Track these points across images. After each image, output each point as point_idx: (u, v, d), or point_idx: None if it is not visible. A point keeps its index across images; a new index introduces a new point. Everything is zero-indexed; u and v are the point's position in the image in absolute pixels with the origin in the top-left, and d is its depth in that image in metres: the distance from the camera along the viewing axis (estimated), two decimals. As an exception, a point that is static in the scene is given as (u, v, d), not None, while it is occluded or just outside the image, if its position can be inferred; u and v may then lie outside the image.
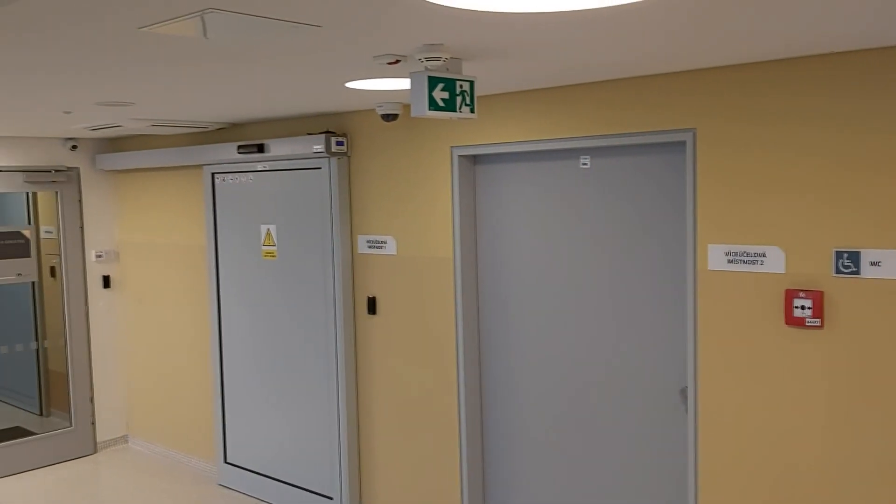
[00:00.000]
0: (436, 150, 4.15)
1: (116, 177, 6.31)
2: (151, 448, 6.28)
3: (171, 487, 5.54)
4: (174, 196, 5.84)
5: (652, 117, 3.38)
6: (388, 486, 4.59)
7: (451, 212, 4.11)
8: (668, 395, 3.59)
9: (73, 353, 6.15)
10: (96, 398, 6.30)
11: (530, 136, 3.78)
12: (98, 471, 5.97)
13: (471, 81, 2.77)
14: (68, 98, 3.64)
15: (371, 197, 4.50)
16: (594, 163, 3.72)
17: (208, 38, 2.24)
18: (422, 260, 4.28)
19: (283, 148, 4.74)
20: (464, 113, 2.76)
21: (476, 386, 4.23)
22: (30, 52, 2.47)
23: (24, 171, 5.83)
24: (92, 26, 2.11)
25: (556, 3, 1.95)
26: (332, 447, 4.76)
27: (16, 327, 6.71)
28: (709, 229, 3.26)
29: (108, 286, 6.32)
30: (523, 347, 4.06)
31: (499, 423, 4.20)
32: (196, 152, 5.30)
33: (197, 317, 5.75)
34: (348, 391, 4.67)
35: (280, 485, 5.13)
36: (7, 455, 5.85)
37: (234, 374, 5.41)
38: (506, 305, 4.11)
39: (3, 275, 5.79)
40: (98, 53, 2.51)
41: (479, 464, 4.27)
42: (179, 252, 5.84)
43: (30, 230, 5.96)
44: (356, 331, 4.66)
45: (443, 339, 4.22)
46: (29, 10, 1.91)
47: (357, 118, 4.54)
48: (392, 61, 2.67)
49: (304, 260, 4.84)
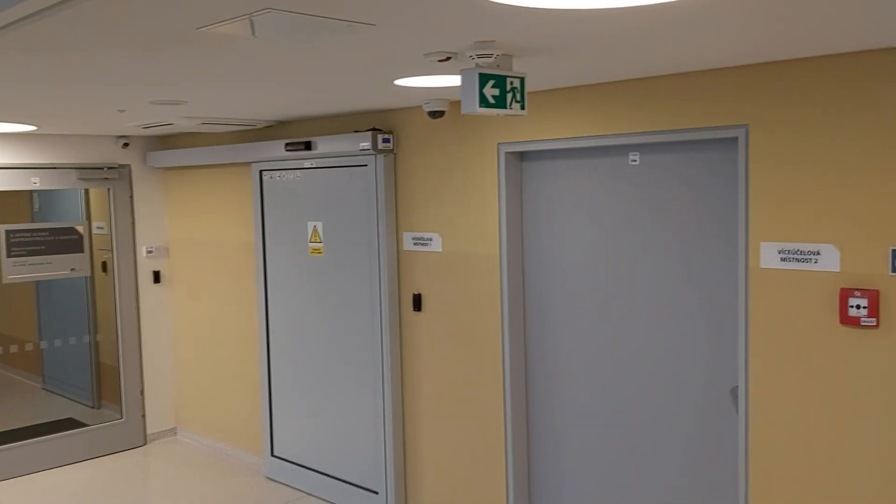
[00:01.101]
0: (482, 147, 4.16)
1: (166, 174, 6.43)
2: (200, 440, 6.39)
3: (219, 479, 5.63)
4: (222, 193, 5.93)
5: (703, 113, 3.34)
6: (433, 481, 4.61)
7: (498, 209, 4.11)
8: (718, 394, 3.55)
9: (124, 346, 6.29)
10: (146, 391, 6.43)
11: (578, 132, 3.76)
12: (148, 462, 6.09)
13: (521, 78, 2.77)
14: (123, 97, 3.72)
15: (417, 194, 4.52)
16: (643, 159, 3.69)
17: (265, 37, 2.27)
18: (468, 257, 4.29)
19: (330, 145, 4.79)
20: (514, 110, 2.76)
21: (521, 383, 4.23)
22: (91, 54, 2.53)
23: (78, 169, 5.97)
24: (152, 27, 2.16)
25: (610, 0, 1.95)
26: (378, 442, 4.80)
27: (69, 321, 6.88)
28: (761, 227, 3.21)
29: (158, 281, 6.44)
30: (570, 345, 4.05)
31: (544, 421, 4.20)
32: (244, 150, 5.38)
33: (244, 312, 5.84)
34: (394, 387, 4.70)
35: (326, 478, 5.19)
36: (61, 446, 6.01)
37: (281, 368, 5.48)
38: (552, 303, 4.10)
39: (58, 270, 5.94)
40: (156, 53, 2.56)
41: (524, 460, 4.27)
42: (227, 248, 5.94)
43: (83, 226, 6.10)
44: (402, 327, 4.69)
45: (488, 336, 4.23)
46: (93, 12, 1.96)
47: (403, 115, 4.56)
48: (443, 59, 2.68)
49: (350, 256, 4.88)
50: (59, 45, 2.40)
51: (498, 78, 2.69)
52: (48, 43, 2.35)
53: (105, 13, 1.98)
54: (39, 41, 2.32)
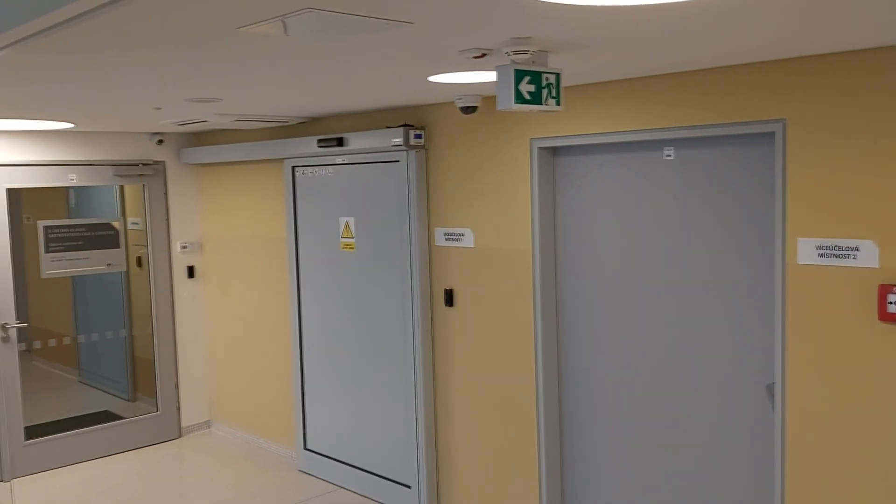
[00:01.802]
0: (515, 142, 4.15)
1: (200, 170, 6.50)
2: (233, 433, 6.47)
3: (253, 472, 5.70)
4: (255, 189, 5.99)
5: (740, 107, 3.31)
6: (466, 476, 4.63)
7: (531, 204, 4.11)
8: (755, 390, 3.52)
9: (159, 340, 6.37)
10: (181, 384, 6.52)
11: (612, 127, 3.75)
12: (183, 455, 6.18)
13: (557, 74, 2.77)
14: (160, 95, 3.77)
15: (448, 189, 4.53)
16: (678, 154, 3.67)
17: (302, 37, 2.29)
18: (500, 252, 4.29)
19: (362, 141, 4.81)
20: (549, 106, 2.76)
21: (554, 378, 4.23)
22: (133, 54, 2.57)
23: (114, 165, 6.06)
24: (193, 27, 2.19)
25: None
26: (410, 436, 4.83)
27: (105, 315, 7.00)
28: (799, 223, 3.18)
29: (192, 276, 6.52)
30: (603, 341, 4.04)
31: (578, 416, 4.19)
32: (277, 146, 5.43)
33: (277, 306, 5.90)
34: (426, 381, 4.72)
35: (358, 472, 5.23)
36: (98, 438, 6.11)
37: (313, 362, 5.53)
38: (585, 299, 4.09)
39: (95, 265, 6.03)
40: (195, 53, 2.59)
41: (556, 456, 4.27)
42: (260, 243, 5.99)
43: (119, 222, 6.19)
44: (433, 322, 4.70)
45: (521, 332, 4.23)
46: (138, 14, 1.99)
47: (435, 111, 4.57)
48: (478, 55, 2.69)
49: (382, 252, 4.91)
50: (102, 47, 2.44)
51: (533, 74, 2.69)
52: (92, 44, 2.39)
53: (149, 15, 2.01)
54: (83, 42, 2.36)
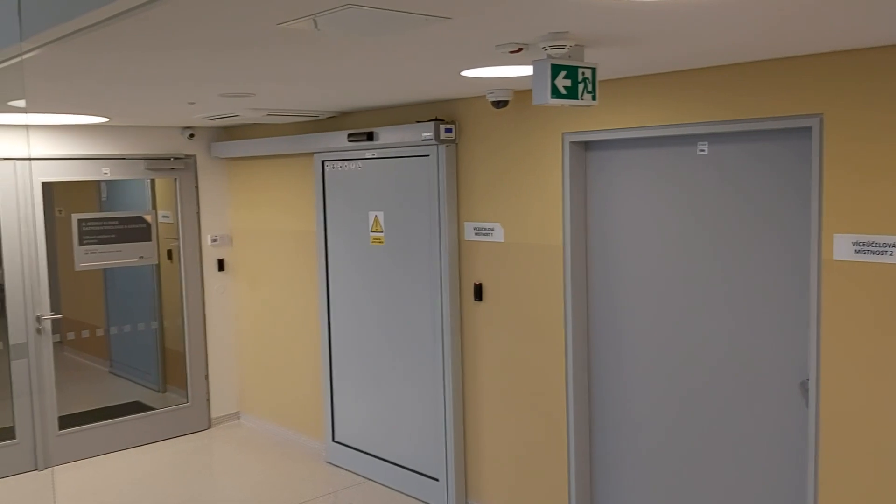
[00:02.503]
0: (547, 137, 4.15)
1: (230, 164, 6.55)
2: (262, 425, 6.52)
3: (282, 463, 5.75)
4: (285, 183, 6.03)
5: (775, 102, 3.28)
6: (494, 470, 4.64)
7: (562, 199, 4.10)
8: (788, 388, 3.50)
9: (190, 332, 6.44)
10: (210, 376, 6.59)
11: (645, 121, 3.73)
12: (212, 446, 6.25)
13: (593, 69, 2.76)
14: (195, 90, 3.80)
15: (479, 184, 4.53)
16: (712, 149, 3.64)
17: (342, 33, 2.30)
18: (530, 247, 4.29)
19: (392, 136, 4.83)
20: (585, 101, 2.75)
21: (584, 374, 4.23)
22: (172, 51, 2.60)
23: (146, 159, 6.12)
24: (233, 23, 2.21)
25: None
26: (438, 430, 4.85)
27: (135, 307, 7.08)
28: (835, 219, 3.15)
29: (222, 269, 6.58)
30: (634, 338, 4.03)
31: (608, 412, 4.19)
32: (307, 140, 5.45)
33: (306, 299, 5.94)
34: (454, 376, 4.73)
35: (386, 464, 5.26)
36: (130, 429, 6.19)
37: (342, 355, 5.56)
38: (617, 295, 4.08)
39: (128, 257, 6.11)
40: (233, 49, 2.62)
41: (586, 451, 4.27)
42: (290, 237, 6.03)
43: (151, 215, 6.26)
44: (462, 317, 4.71)
45: (551, 327, 4.23)
46: (179, 10, 2.01)
47: (466, 105, 4.57)
48: (514, 50, 2.69)
49: (411, 246, 4.92)
50: (143, 44, 2.47)
51: (569, 69, 2.69)
52: (133, 42, 2.42)
53: (191, 13, 2.03)
54: (124, 40, 2.39)
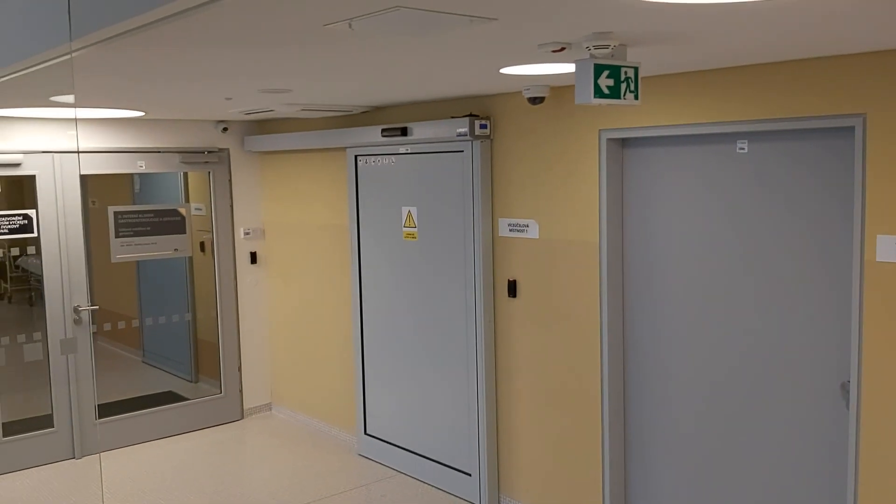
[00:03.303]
0: (583, 133, 4.13)
1: (263, 157, 6.60)
2: (293, 416, 6.59)
3: (314, 454, 5.81)
4: (317, 177, 6.06)
5: (818, 101, 3.24)
6: (527, 466, 4.65)
7: (598, 196, 4.09)
8: (828, 388, 3.47)
9: (223, 324, 6.51)
10: (243, 367, 6.66)
11: (684, 119, 3.70)
12: (245, 436, 6.32)
13: (635, 68, 2.75)
14: (233, 86, 3.83)
15: (513, 180, 4.53)
16: (752, 147, 3.61)
17: (389, 33, 2.31)
18: (565, 244, 4.28)
19: (426, 131, 4.83)
20: (628, 100, 2.74)
21: (619, 372, 4.22)
22: (216, 50, 2.62)
23: (181, 152, 6.19)
24: (281, 24, 2.22)
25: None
26: (471, 425, 4.86)
27: (168, 298, 7.17)
28: (878, 219, 3.11)
29: (254, 262, 6.64)
30: (671, 336, 4.01)
31: (642, 411, 4.18)
32: (341, 135, 5.48)
33: (338, 293, 5.97)
34: (487, 372, 4.74)
35: (418, 458, 5.28)
36: (164, 418, 6.28)
37: (374, 349, 5.59)
38: (653, 293, 4.06)
39: (162, 250, 6.18)
40: (277, 48, 2.63)
41: (620, 449, 4.26)
42: (322, 231, 6.07)
43: (185, 208, 6.33)
44: (496, 312, 4.72)
45: (586, 324, 4.22)
46: (228, 12, 2.03)
47: (501, 101, 4.56)
48: (557, 49, 2.68)
49: (445, 241, 4.93)
50: (187, 44, 2.49)
51: (612, 68, 2.67)
52: (177, 41, 2.44)
53: (239, 14, 2.05)
54: (169, 40, 2.42)
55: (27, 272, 7.39)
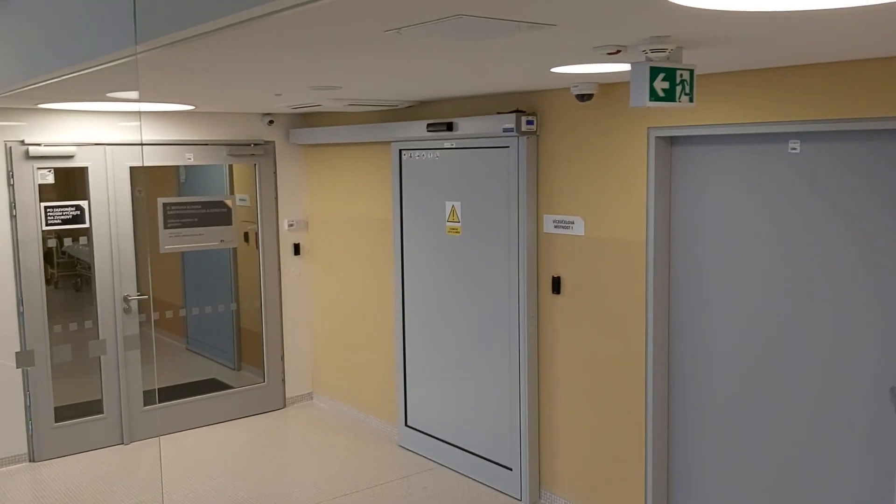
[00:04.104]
0: (632, 131, 4.12)
1: (307, 150, 6.66)
2: (334, 406, 6.67)
3: (355, 445, 5.88)
4: (361, 170, 6.11)
5: (872, 103, 3.20)
6: (568, 462, 4.67)
7: (646, 194, 4.08)
8: (877, 392, 3.44)
9: (266, 314, 6.61)
10: (286, 357, 6.75)
11: (735, 118, 3.68)
12: (287, 425, 6.42)
13: (691, 70, 2.74)
14: (286, 83, 3.88)
15: (559, 176, 4.53)
16: (804, 148, 3.57)
17: (448, 38, 2.33)
18: (611, 242, 4.28)
19: (471, 126, 4.85)
20: (683, 102, 2.73)
21: (664, 372, 4.21)
22: (278, 51, 2.66)
23: (228, 145, 6.27)
24: (343, 30, 2.26)
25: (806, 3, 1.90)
26: (513, 420, 4.89)
27: (211, 288, 7.30)
28: (936, 222, 3.07)
29: (298, 253, 6.72)
30: (717, 336, 3.99)
31: (687, 412, 4.17)
32: (386, 129, 5.51)
33: (380, 285, 6.03)
34: (530, 366, 4.77)
35: (459, 451, 5.33)
36: (209, 406, 6.40)
37: (415, 341, 5.64)
38: (701, 292, 4.05)
39: (209, 241, 6.29)
40: (336, 50, 2.67)
41: (664, 448, 4.26)
42: (365, 223, 6.12)
43: (231, 200, 6.42)
44: (539, 309, 4.73)
45: (631, 323, 4.22)
46: (299, 18, 2.07)
47: (547, 96, 4.56)
48: (613, 52, 2.68)
49: (488, 237, 4.95)
50: (245, 47, 2.54)
51: (668, 71, 2.67)
52: (236, 44, 2.49)
53: (308, 21, 2.09)
54: (229, 43, 2.46)
55: (73, 258, 7.57)
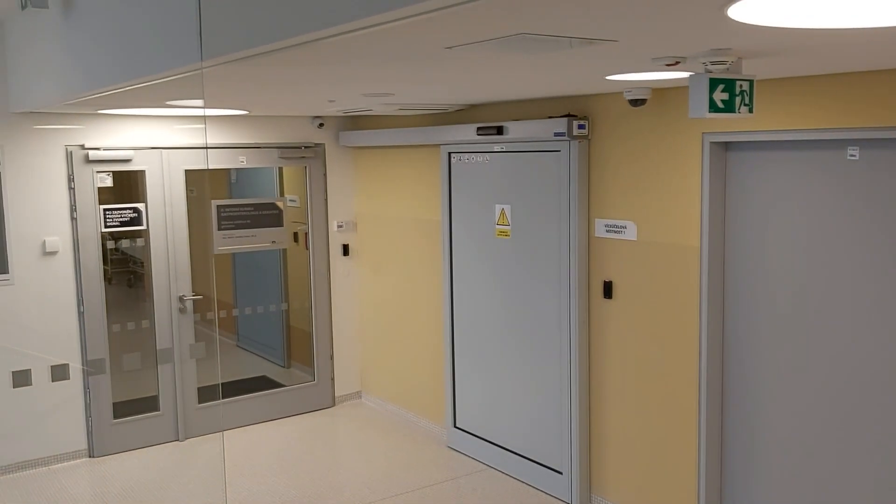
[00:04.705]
0: (686, 136, 4.09)
1: (357, 152, 6.73)
2: (382, 405, 6.74)
3: (404, 445, 5.94)
4: (409, 172, 6.15)
5: (939, 109, 3.13)
6: (619, 467, 4.66)
7: (700, 200, 4.05)
8: (940, 404, 3.37)
9: (316, 314, 6.70)
10: (335, 356, 6.84)
11: (792, 124, 3.63)
12: (337, 424, 6.51)
13: (750, 81, 2.72)
14: (341, 91, 3.94)
15: (611, 181, 4.52)
16: (863, 154, 3.52)
17: (509, 54, 2.35)
18: (664, 247, 4.25)
19: (522, 130, 4.85)
20: (742, 113, 2.71)
21: (717, 378, 4.18)
22: (342, 65, 2.71)
23: (279, 148, 6.37)
24: (406, 47, 2.29)
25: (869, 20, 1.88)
26: (563, 423, 4.90)
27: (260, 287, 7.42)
28: None
29: (346, 254, 6.80)
30: (772, 342, 3.95)
31: (740, 418, 4.14)
32: (435, 132, 5.54)
33: (428, 286, 6.07)
34: (581, 370, 4.77)
35: (508, 454, 5.35)
36: (260, 404, 6.52)
37: (464, 343, 5.67)
38: (755, 299, 4.01)
39: (261, 242, 6.39)
40: (399, 64, 2.70)
41: (717, 455, 4.23)
42: (413, 225, 6.17)
43: (282, 201, 6.52)
44: (590, 313, 4.73)
45: (684, 328, 4.20)
46: (360, 39, 2.10)
47: (598, 101, 4.55)
48: (672, 63, 2.67)
49: (538, 240, 4.96)
50: (312, 62, 2.58)
51: (728, 82, 2.65)
52: (304, 61, 2.54)
53: (378, 39, 2.12)
54: (296, 60, 2.51)
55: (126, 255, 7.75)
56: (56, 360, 5.61)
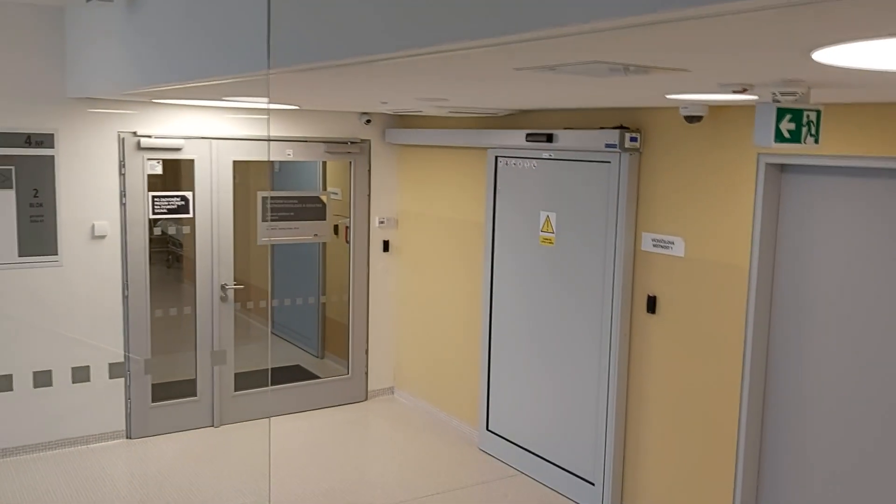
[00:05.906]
0: (740, 156, 4.04)
1: (402, 150, 6.74)
2: (415, 402, 6.77)
3: (436, 445, 5.97)
4: (454, 173, 6.16)
5: None
6: (653, 482, 4.65)
7: (752, 220, 4.00)
8: None
9: (353, 308, 6.74)
10: (369, 351, 6.88)
11: (852, 150, 3.57)
12: (369, 418, 6.55)
13: (818, 111, 2.68)
14: (394, 94, 3.95)
15: (661, 196, 4.48)
16: (926, 185, 3.45)
17: (584, 78, 2.34)
18: (712, 265, 4.22)
19: (572, 139, 4.83)
20: (808, 144, 2.68)
21: (759, 399, 4.14)
22: (402, 79, 2.71)
23: (326, 142, 6.40)
24: (478, 68, 2.29)
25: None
26: (598, 434, 4.89)
27: (297, 278, 7.50)
28: None
29: (386, 250, 6.83)
30: (818, 369, 3.90)
31: (782, 443, 4.10)
32: (484, 136, 5.54)
33: (467, 287, 6.08)
34: (619, 383, 4.75)
35: (541, 461, 5.35)
36: (294, 395, 6.58)
37: (501, 347, 5.67)
38: (802, 323, 3.96)
39: (304, 235, 6.44)
40: (463, 81, 2.71)
41: (754, 479, 4.20)
42: (455, 225, 6.17)
43: (326, 195, 6.56)
44: (632, 326, 4.71)
45: (727, 347, 4.16)
46: (433, 59, 2.11)
47: (653, 115, 4.51)
48: (739, 90, 2.64)
49: (583, 251, 4.94)
50: (376, 77, 2.59)
51: (795, 112, 2.62)
52: (368, 75, 2.55)
53: (439, 62, 2.13)
54: (360, 74, 2.52)
55: (165, 234, 7.85)
56: (114, 356, 5.72)
